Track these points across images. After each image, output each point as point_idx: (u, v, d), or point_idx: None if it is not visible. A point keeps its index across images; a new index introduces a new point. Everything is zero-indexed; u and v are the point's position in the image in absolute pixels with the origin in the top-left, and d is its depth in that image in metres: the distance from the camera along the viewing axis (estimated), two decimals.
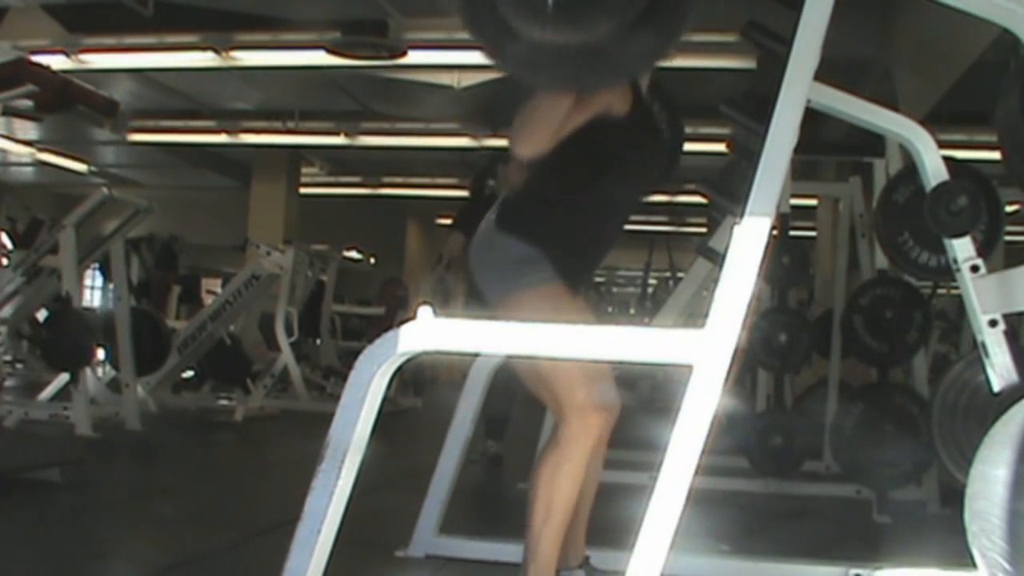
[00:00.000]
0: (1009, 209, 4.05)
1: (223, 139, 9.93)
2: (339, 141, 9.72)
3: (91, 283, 12.35)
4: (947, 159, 2.22)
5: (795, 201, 4.53)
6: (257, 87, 8.56)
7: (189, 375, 7.64)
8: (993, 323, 2.07)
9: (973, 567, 1.57)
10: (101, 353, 6.09)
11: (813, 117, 1.88)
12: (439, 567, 2.71)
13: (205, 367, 7.37)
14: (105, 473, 4.19)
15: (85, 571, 2.58)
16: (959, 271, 2.17)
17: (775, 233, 3.51)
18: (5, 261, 6.29)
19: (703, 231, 6.27)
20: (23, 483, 3.53)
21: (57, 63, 6.32)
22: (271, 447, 5.91)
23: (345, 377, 1.69)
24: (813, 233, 8.36)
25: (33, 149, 11.07)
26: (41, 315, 6.37)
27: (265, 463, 5.15)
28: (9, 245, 7.18)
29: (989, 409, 2.08)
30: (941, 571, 2.59)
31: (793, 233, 4.44)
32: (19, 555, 2.61)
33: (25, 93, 4.24)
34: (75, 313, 5.30)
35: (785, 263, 4.26)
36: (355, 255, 13.28)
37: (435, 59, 6.67)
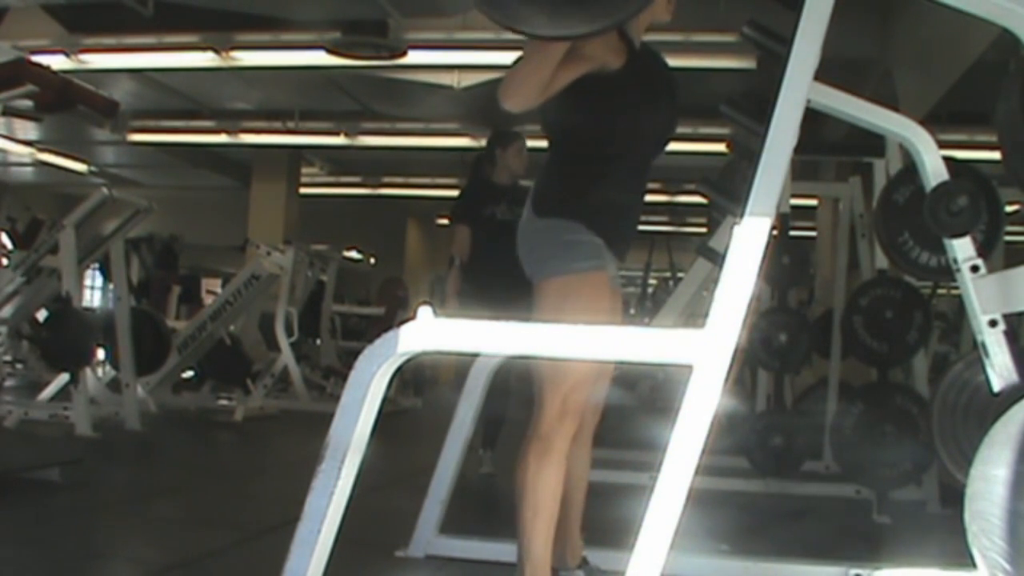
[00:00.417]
0: (1009, 209, 4.05)
1: (223, 139, 9.93)
2: (339, 141, 9.71)
3: (91, 283, 12.36)
4: (947, 159, 2.22)
5: (795, 201, 4.53)
6: (257, 87, 8.56)
7: (189, 375, 7.64)
8: (993, 323, 2.07)
9: (973, 567, 1.57)
10: (101, 353, 6.10)
11: (813, 117, 1.88)
12: (439, 567, 2.71)
13: (205, 367, 7.38)
14: (105, 473, 4.19)
15: (85, 571, 2.57)
16: (959, 271, 2.17)
17: (775, 233, 3.51)
18: (5, 261, 6.28)
19: (703, 231, 6.27)
20: (23, 483, 3.54)
21: (57, 63, 6.31)
22: (271, 447, 5.92)
23: (345, 377, 1.69)
24: (813, 233, 8.36)
25: (33, 149, 11.06)
26: (41, 315, 6.37)
27: (265, 463, 5.15)
28: (9, 245, 7.17)
29: (989, 409, 2.08)
30: (941, 571, 2.59)
31: (793, 233, 4.44)
32: (19, 555, 2.61)
33: (25, 93, 4.24)
34: (75, 313, 5.31)
35: (785, 263, 4.26)
36: (355, 255, 13.27)
37: (435, 59, 6.67)
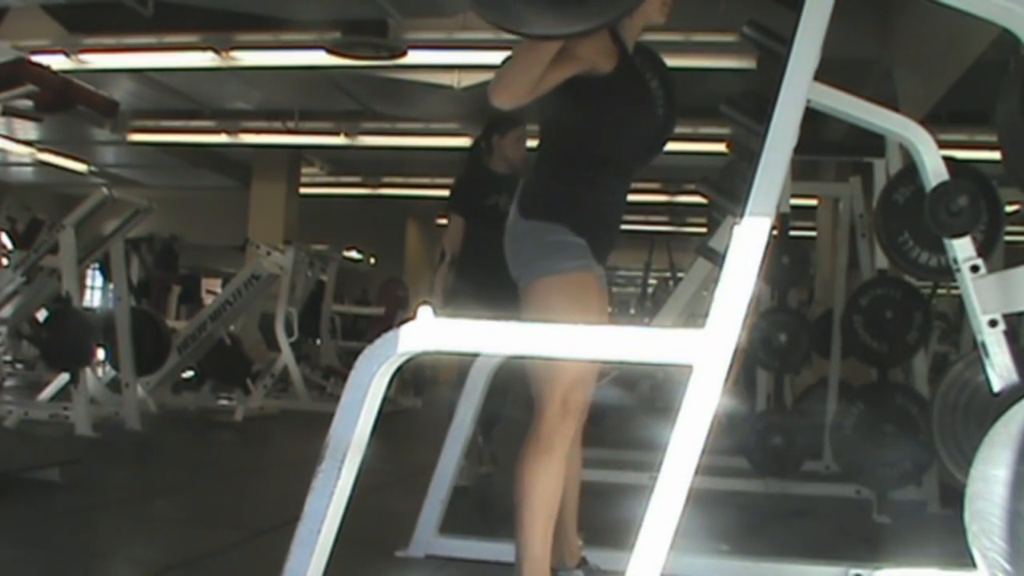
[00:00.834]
0: (1009, 209, 4.04)
1: (223, 139, 9.94)
2: (339, 141, 9.72)
3: (91, 283, 12.36)
4: (947, 159, 2.22)
5: (795, 201, 4.53)
6: (257, 87, 8.57)
7: (189, 375, 7.65)
8: (993, 323, 2.07)
9: (973, 567, 1.57)
10: (101, 353, 6.09)
11: (813, 117, 1.88)
12: (439, 567, 2.70)
13: (205, 367, 7.38)
14: (105, 473, 4.19)
15: (85, 571, 2.57)
16: (959, 271, 2.17)
17: (775, 233, 3.51)
18: (5, 261, 6.28)
19: (703, 231, 6.27)
20: (23, 483, 3.54)
21: (57, 63, 6.32)
22: (271, 447, 5.92)
23: (345, 377, 1.69)
24: (813, 233, 8.36)
25: (33, 149, 11.07)
26: (41, 315, 6.37)
27: (265, 463, 5.15)
28: (9, 245, 7.17)
29: (989, 409, 2.08)
30: (941, 571, 2.59)
31: (793, 233, 4.44)
32: (19, 555, 2.61)
33: (25, 93, 4.24)
34: (75, 313, 5.30)
35: (785, 263, 4.26)
36: (355, 255, 13.27)
37: (435, 59, 6.68)
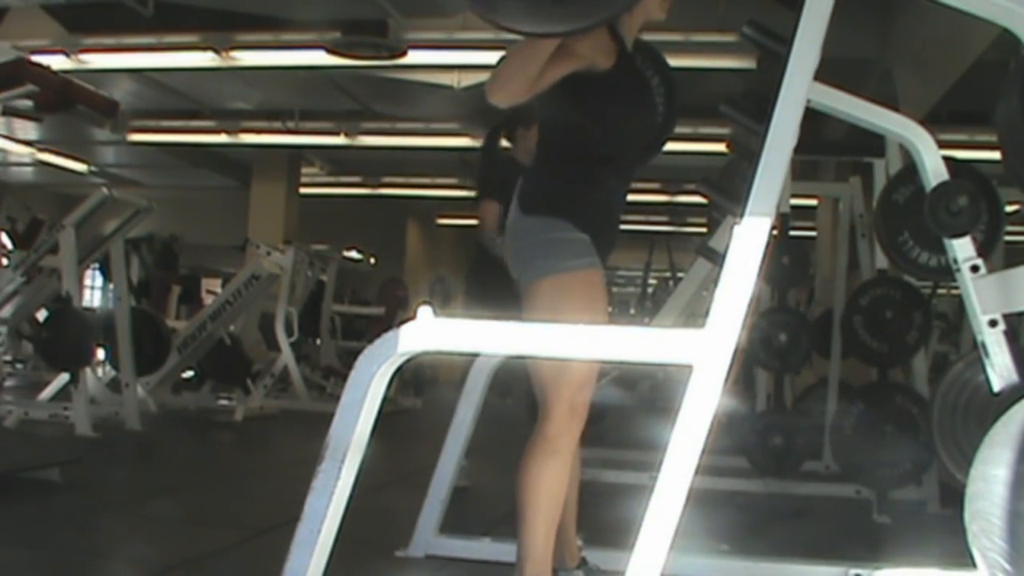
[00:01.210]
0: (1009, 209, 4.05)
1: (223, 139, 9.93)
2: (339, 141, 9.72)
3: (91, 283, 12.35)
4: (947, 159, 2.22)
5: (795, 201, 4.53)
6: (257, 87, 8.56)
7: (189, 375, 7.64)
8: (993, 323, 2.07)
9: (973, 567, 1.57)
10: (101, 353, 6.09)
11: (813, 117, 1.88)
12: (439, 567, 2.71)
13: (205, 367, 7.38)
14: (105, 473, 4.19)
15: (85, 571, 2.57)
16: (959, 271, 2.17)
17: (775, 233, 3.51)
18: (5, 261, 6.28)
19: (703, 231, 6.28)
20: (23, 483, 3.54)
21: (57, 63, 6.32)
22: (271, 447, 5.92)
23: (345, 377, 1.69)
24: (813, 233, 8.36)
25: (33, 149, 11.06)
26: (41, 315, 6.37)
27: (265, 463, 5.15)
28: (9, 245, 7.17)
29: (989, 409, 2.08)
30: (941, 571, 2.59)
31: (793, 233, 4.44)
32: (19, 555, 2.61)
33: (25, 93, 4.24)
34: (75, 313, 5.30)
35: (785, 263, 4.26)
36: (355, 255, 13.27)
37: (435, 59, 6.67)
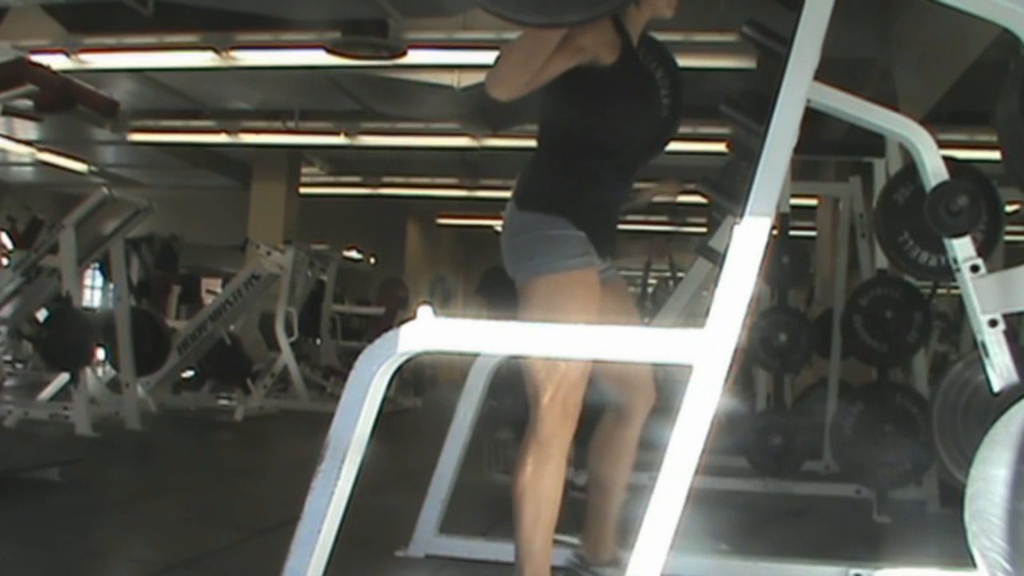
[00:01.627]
0: (1009, 209, 4.05)
1: (223, 139, 9.92)
2: (339, 141, 9.71)
3: (91, 283, 12.35)
4: (947, 159, 2.22)
5: (795, 201, 4.53)
6: (257, 87, 8.56)
7: (189, 375, 7.64)
8: (993, 323, 2.07)
9: (973, 567, 1.57)
10: (101, 353, 6.09)
11: (813, 117, 1.88)
12: (439, 567, 2.71)
13: (205, 367, 7.38)
14: (105, 473, 4.19)
15: (85, 571, 2.58)
16: (959, 271, 2.17)
17: (775, 233, 3.51)
18: (5, 261, 6.28)
19: (703, 231, 6.27)
20: (23, 483, 3.54)
21: (57, 63, 6.31)
22: (271, 447, 5.92)
23: (345, 377, 1.69)
24: (813, 233, 8.36)
25: (33, 149, 11.05)
26: (41, 315, 6.37)
27: (265, 463, 5.15)
28: (9, 245, 7.17)
29: (989, 409, 2.08)
30: (941, 571, 2.59)
31: (793, 233, 4.44)
32: (19, 555, 2.61)
33: (25, 93, 4.24)
34: (75, 313, 5.31)
35: (785, 263, 4.26)
36: (355, 255, 13.27)
37: (435, 59, 6.67)
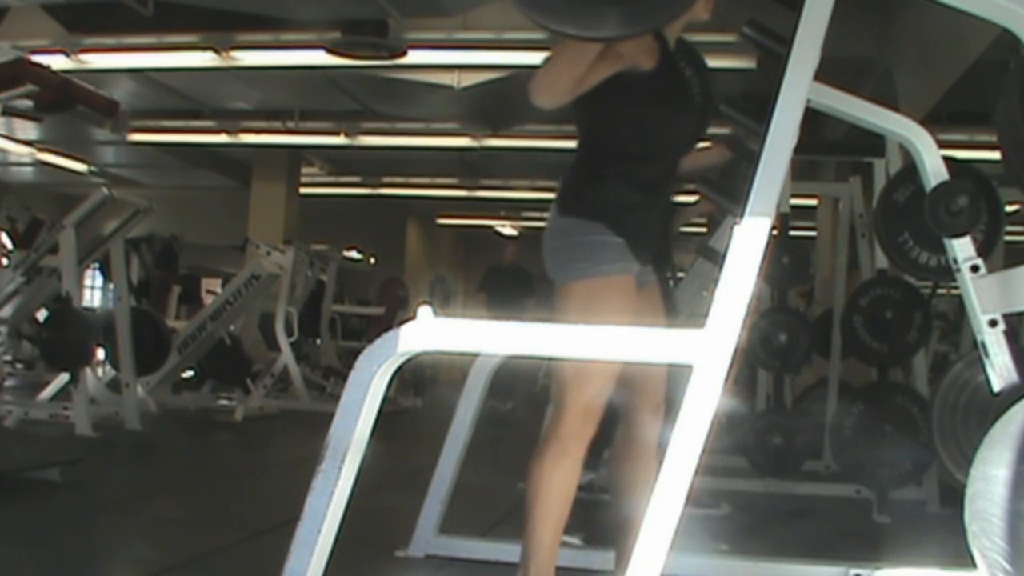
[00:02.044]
0: (1009, 209, 4.05)
1: (223, 139, 9.93)
2: (339, 141, 9.71)
3: (91, 283, 12.35)
4: (947, 159, 2.22)
5: (795, 201, 4.53)
6: (257, 87, 8.56)
7: (189, 375, 7.64)
8: (993, 323, 2.07)
9: (973, 567, 1.57)
10: (101, 353, 6.09)
11: (813, 117, 1.88)
12: (439, 567, 2.71)
13: (205, 367, 7.38)
14: (105, 473, 4.19)
15: (85, 571, 2.57)
16: (959, 271, 2.17)
17: (775, 233, 3.50)
18: (5, 261, 6.28)
19: (703, 231, 6.27)
20: (23, 483, 3.54)
21: (57, 63, 6.31)
22: (271, 447, 5.91)
23: (345, 377, 1.69)
24: (813, 233, 8.35)
25: (33, 149, 11.06)
26: (41, 315, 6.37)
27: (265, 463, 5.15)
28: (9, 245, 7.17)
29: (989, 409, 2.08)
30: (941, 571, 2.59)
31: (793, 233, 4.44)
32: (19, 555, 2.61)
33: (25, 93, 4.24)
34: (75, 313, 5.31)
35: (785, 263, 4.26)
36: (355, 255, 13.27)
37: (435, 59, 6.67)
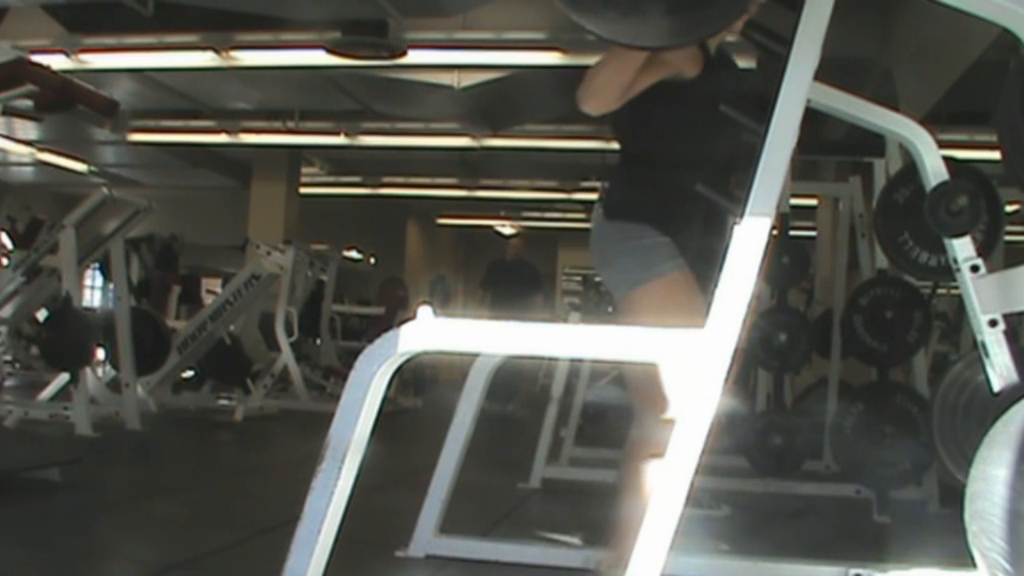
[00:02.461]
0: (1009, 209, 4.05)
1: (223, 139, 9.92)
2: (339, 141, 9.71)
3: (91, 283, 12.35)
4: (947, 159, 2.22)
5: (795, 201, 4.53)
6: (257, 87, 8.56)
7: (189, 375, 7.64)
8: (993, 323, 2.07)
9: (973, 567, 1.57)
10: (101, 353, 6.09)
11: (813, 117, 1.87)
12: (439, 567, 2.71)
13: (205, 367, 7.38)
14: (105, 473, 4.19)
15: (85, 571, 2.58)
16: (959, 271, 2.16)
17: (775, 233, 3.50)
18: (5, 261, 6.28)
19: None
20: (23, 483, 3.54)
21: (57, 63, 6.31)
22: (271, 447, 5.91)
23: (345, 377, 1.69)
24: (813, 233, 8.35)
25: (33, 149, 11.06)
26: (41, 315, 6.37)
27: (265, 463, 5.15)
28: (9, 245, 7.17)
29: (989, 409, 2.07)
30: (941, 571, 2.59)
31: (793, 233, 4.44)
32: (19, 555, 2.61)
33: (25, 93, 4.24)
34: (75, 313, 5.31)
35: (785, 263, 4.26)
36: (355, 255, 13.27)
37: (435, 59, 6.67)
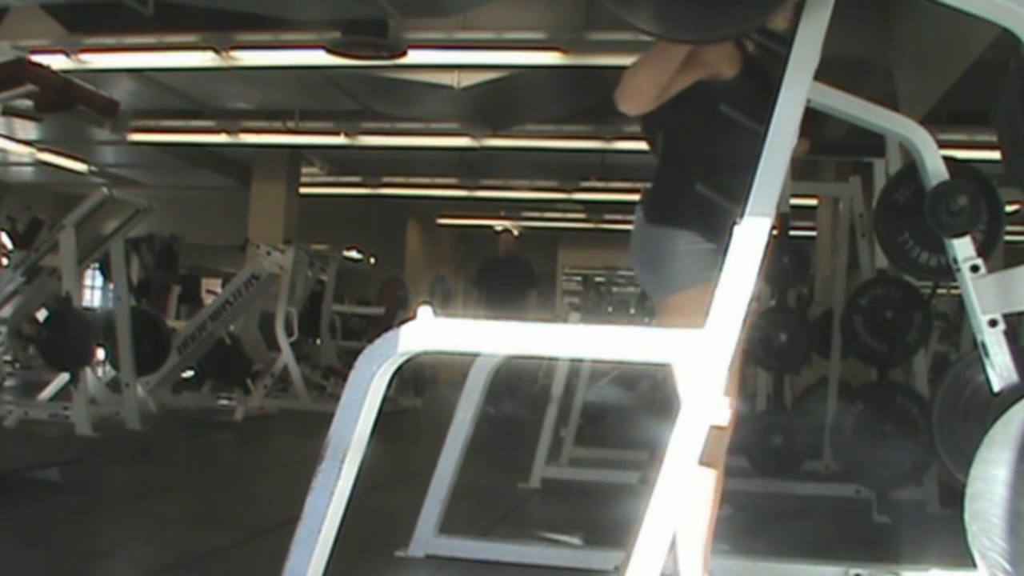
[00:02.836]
0: (1009, 209, 4.05)
1: (223, 139, 9.92)
2: (339, 141, 9.71)
3: (91, 283, 12.35)
4: (947, 159, 2.22)
5: (795, 201, 4.53)
6: (257, 87, 8.55)
7: (189, 375, 7.64)
8: (993, 323, 2.07)
9: (973, 567, 1.57)
10: (101, 353, 6.10)
11: (813, 117, 1.88)
12: (439, 567, 2.71)
13: (205, 367, 7.38)
14: (105, 473, 4.19)
15: (85, 571, 2.58)
16: (959, 271, 2.17)
17: (775, 233, 3.50)
18: (5, 261, 6.28)
19: None
20: (23, 483, 3.54)
21: (57, 63, 6.31)
22: (271, 447, 5.91)
23: (345, 377, 1.69)
24: (813, 233, 8.35)
25: (33, 149, 11.05)
26: (41, 315, 6.37)
27: (265, 463, 5.15)
28: (9, 245, 7.17)
29: (989, 409, 2.08)
30: (941, 571, 2.59)
31: (793, 233, 4.44)
32: (19, 555, 2.61)
33: (25, 93, 4.25)
34: (75, 313, 5.31)
35: (785, 263, 4.26)
36: (355, 255, 13.27)
37: (435, 59, 6.67)
